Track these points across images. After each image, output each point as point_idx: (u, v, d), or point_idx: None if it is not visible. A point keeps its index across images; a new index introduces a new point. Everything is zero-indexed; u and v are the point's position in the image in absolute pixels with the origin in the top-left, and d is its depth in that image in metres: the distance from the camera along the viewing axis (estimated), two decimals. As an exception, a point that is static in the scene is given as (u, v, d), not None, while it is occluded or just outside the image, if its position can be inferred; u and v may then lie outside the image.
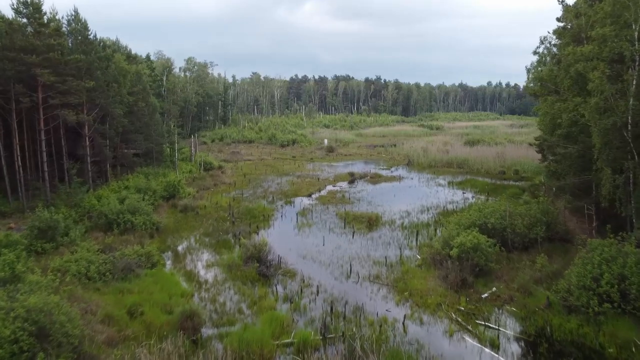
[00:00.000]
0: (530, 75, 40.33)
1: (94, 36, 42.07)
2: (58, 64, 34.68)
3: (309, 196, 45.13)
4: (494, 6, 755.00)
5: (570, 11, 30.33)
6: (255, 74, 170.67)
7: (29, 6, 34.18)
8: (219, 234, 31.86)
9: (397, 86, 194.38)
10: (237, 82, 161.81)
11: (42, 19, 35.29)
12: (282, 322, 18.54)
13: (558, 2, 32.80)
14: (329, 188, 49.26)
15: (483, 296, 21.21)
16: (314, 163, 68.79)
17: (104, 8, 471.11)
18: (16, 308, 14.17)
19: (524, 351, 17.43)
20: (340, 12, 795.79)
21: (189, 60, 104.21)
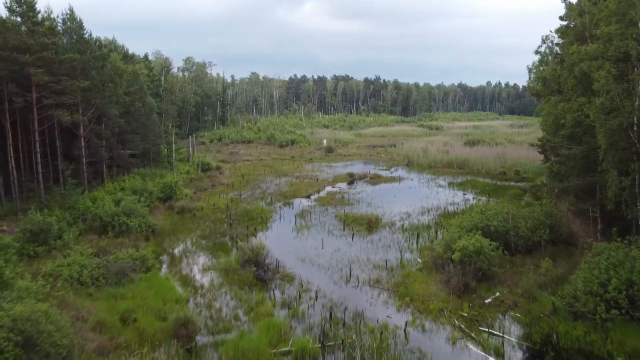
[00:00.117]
0: (532, 74, 39.85)
1: (89, 35, 41.47)
2: (52, 64, 34.08)
3: (308, 197, 44.58)
4: (494, 6, 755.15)
5: (573, 9, 29.81)
6: (254, 74, 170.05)
7: (23, 4, 33.56)
8: (216, 237, 31.28)
9: (397, 86, 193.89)
10: (236, 82, 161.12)
11: (36, 18, 34.67)
12: (280, 330, 17.96)
13: (561, 1, 32.38)
14: (328, 189, 48.70)
15: (486, 301, 20.66)
16: (313, 163, 68.21)
17: (104, 8, 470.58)
18: (1, 317, 13.65)
19: (530, 360, 16.90)
20: (340, 12, 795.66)
21: (188, 60, 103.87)
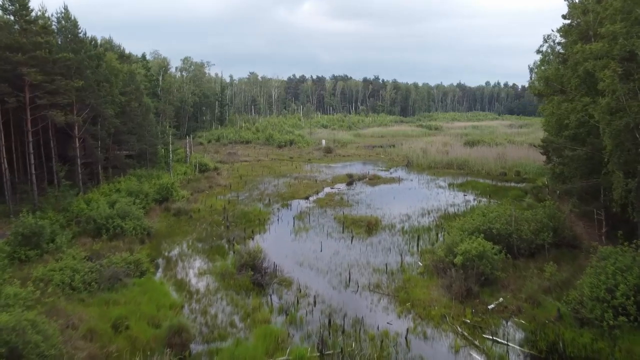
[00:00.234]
0: (533, 74, 39.34)
1: (84, 34, 40.82)
2: (46, 63, 33.43)
3: (307, 199, 44.00)
4: (494, 6, 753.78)
5: (577, 8, 29.25)
6: (252, 74, 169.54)
7: (15, 3, 32.90)
8: (213, 240, 30.68)
9: (396, 86, 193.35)
10: (235, 82, 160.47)
11: (29, 16, 34.01)
12: (277, 337, 17.38)
13: (564, -1, 31.82)
14: (327, 190, 48.12)
15: (489, 307, 20.09)
16: (312, 164, 67.61)
17: (104, 8, 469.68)
18: (-15, 327, 13.04)
19: (535, 368, 16.35)
20: (339, 12, 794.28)
21: (186, 60, 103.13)
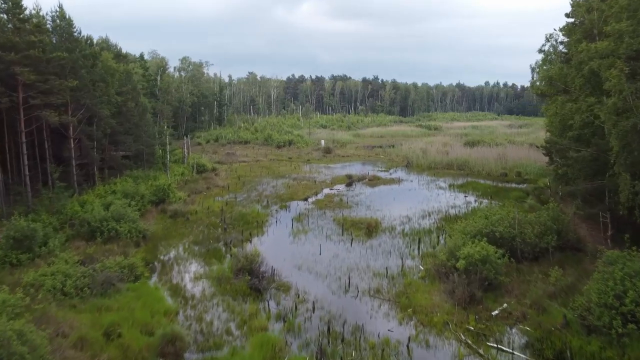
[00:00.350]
0: (535, 74, 38.73)
1: (79, 33, 40.15)
2: (39, 62, 32.76)
3: (305, 200, 43.41)
4: (494, 6, 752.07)
5: (581, 6, 28.68)
6: (251, 74, 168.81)
7: (8, 1, 32.27)
8: (210, 242, 30.07)
9: (395, 86, 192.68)
10: (234, 82, 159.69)
11: (23, 15, 33.38)
12: (274, 346, 16.79)
13: (567, -3, 31.22)
14: (326, 191, 47.53)
15: (493, 313, 19.51)
16: (311, 165, 67.02)
17: (104, 8, 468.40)
18: (-33, 339, 12.44)
19: (542, 378, 15.78)
20: (339, 12, 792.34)
21: (184, 59, 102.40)
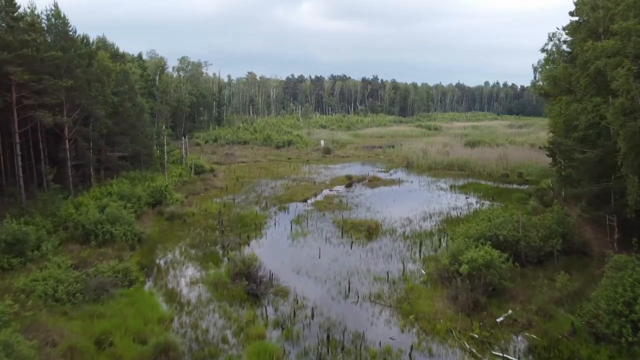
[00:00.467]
0: (538, 74, 38.18)
1: (74, 32, 39.49)
2: (33, 62, 32.11)
3: (305, 201, 42.81)
4: (494, 6, 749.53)
5: (586, 4, 28.11)
6: (250, 74, 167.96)
7: (1, -1, 31.68)
8: (207, 246, 29.45)
9: (394, 86, 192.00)
10: (233, 82, 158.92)
11: (17, 13, 32.77)
12: (272, 355, 16.19)
13: (571, -4, 30.64)
14: (326, 192, 46.94)
15: (498, 320, 18.92)
16: (310, 165, 66.42)
17: (104, 8, 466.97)
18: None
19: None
20: (338, 12, 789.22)
21: (183, 59, 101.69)
